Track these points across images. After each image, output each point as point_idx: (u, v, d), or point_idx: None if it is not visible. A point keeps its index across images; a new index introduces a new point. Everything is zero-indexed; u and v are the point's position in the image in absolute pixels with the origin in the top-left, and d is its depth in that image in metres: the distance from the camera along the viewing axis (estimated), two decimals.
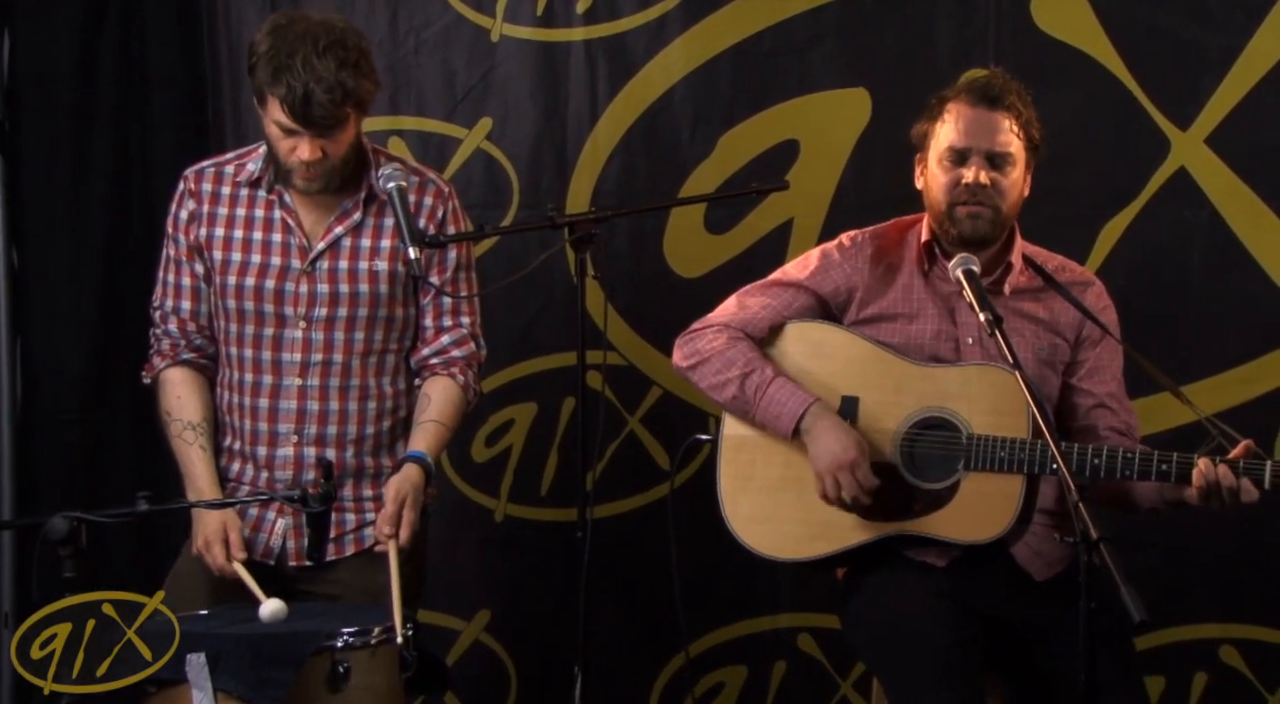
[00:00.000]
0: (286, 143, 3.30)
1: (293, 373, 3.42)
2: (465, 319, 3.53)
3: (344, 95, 3.23)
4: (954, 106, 3.35)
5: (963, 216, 3.32)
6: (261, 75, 3.24)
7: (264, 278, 3.42)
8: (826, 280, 3.44)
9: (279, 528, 3.45)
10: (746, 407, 3.34)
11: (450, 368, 3.50)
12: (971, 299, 3.07)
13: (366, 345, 3.44)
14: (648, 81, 4.32)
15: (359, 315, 3.43)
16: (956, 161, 3.33)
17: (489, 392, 4.28)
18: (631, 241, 4.35)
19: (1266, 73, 4.07)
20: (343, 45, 3.24)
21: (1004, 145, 3.32)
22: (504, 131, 4.39)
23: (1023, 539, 3.25)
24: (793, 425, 3.29)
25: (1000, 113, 3.32)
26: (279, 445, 3.44)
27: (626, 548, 4.17)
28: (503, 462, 4.43)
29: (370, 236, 3.44)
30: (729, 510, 3.37)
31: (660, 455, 4.35)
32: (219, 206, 3.47)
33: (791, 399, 3.30)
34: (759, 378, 3.33)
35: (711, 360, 3.38)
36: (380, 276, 3.43)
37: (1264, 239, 4.11)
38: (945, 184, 3.34)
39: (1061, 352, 3.40)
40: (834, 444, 3.25)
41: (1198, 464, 3.08)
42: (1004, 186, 3.33)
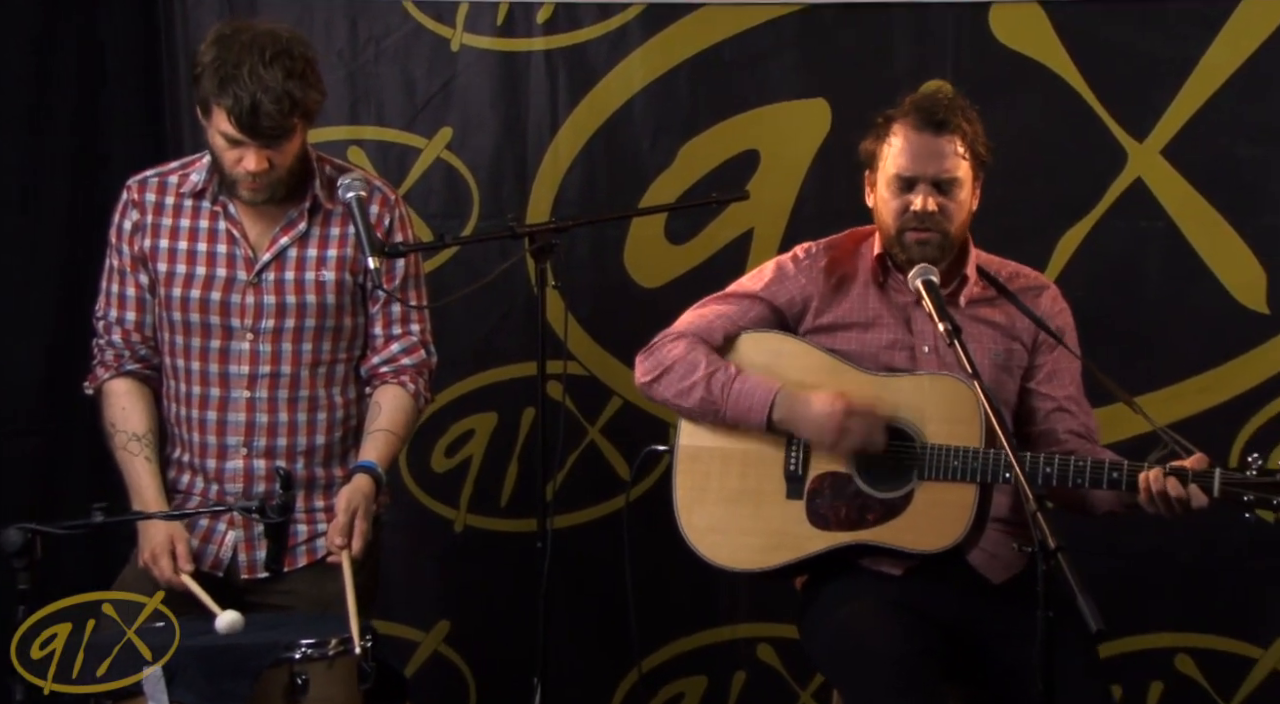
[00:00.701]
0: (232, 154, 3.30)
1: (240, 385, 3.43)
2: (415, 327, 3.55)
3: (292, 106, 3.23)
4: (900, 129, 3.39)
5: (912, 243, 3.37)
6: (207, 85, 3.24)
7: (209, 290, 3.42)
8: (781, 292, 3.48)
9: (229, 540, 3.46)
10: (716, 406, 3.37)
11: (401, 376, 3.52)
12: (931, 309, 3.11)
13: (315, 356, 3.46)
14: (608, 92, 4.36)
15: (306, 326, 3.44)
16: (904, 188, 3.37)
17: (448, 402, 4.31)
18: (592, 251, 4.38)
19: (1222, 84, 4.13)
20: (289, 55, 3.24)
21: (950, 171, 3.36)
22: (464, 141, 4.42)
23: (978, 546, 3.29)
24: (765, 414, 3.32)
25: (945, 137, 3.36)
26: (228, 458, 3.45)
27: (587, 558, 4.20)
28: (462, 472, 4.46)
29: (316, 246, 3.45)
30: (685, 522, 3.40)
31: (620, 466, 4.38)
32: (163, 217, 3.47)
33: (759, 389, 3.33)
34: (724, 376, 3.36)
35: (674, 368, 3.41)
36: (327, 287, 3.44)
37: (1220, 250, 4.17)
38: (894, 209, 3.38)
39: (1018, 356, 3.45)
40: (818, 410, 3.28)
41: (1143, 475, 3.13)
42: (951, 210, 3.37)
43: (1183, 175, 4.17)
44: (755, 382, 3.34)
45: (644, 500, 3.82)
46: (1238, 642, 4.27)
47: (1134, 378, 3.95)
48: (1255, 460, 3.10)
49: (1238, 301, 4.18)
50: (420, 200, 4.39)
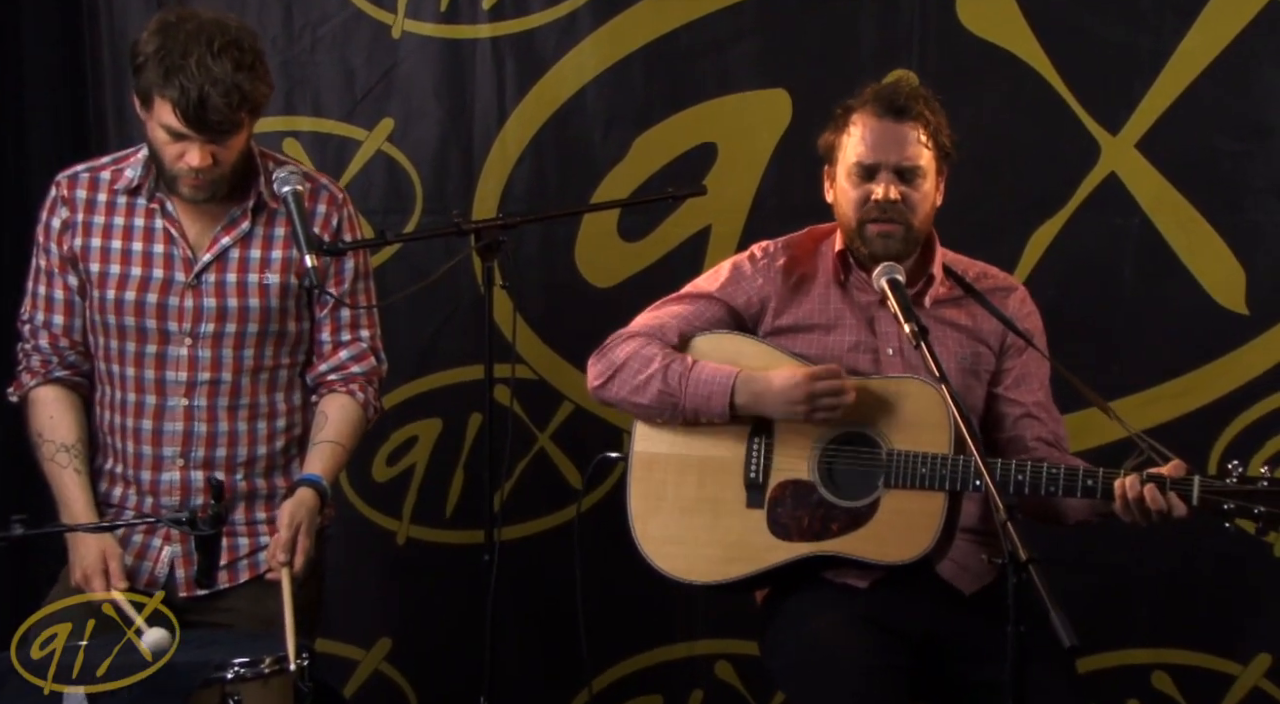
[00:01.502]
0: (174, 148, 3.27)
1: (178, 393, 3.41)
2: (365, 332, 3.54)
3: (240, 99, 3.21)
4: (860, 118, 3.41)
5: (873, 236, 3.38)
6: (151, 76, 3.20)
7: (145, 292, 3.40)
8: (738, 292, 3.49)
9: (165, 556, 3.44)
10: (674, 398, 3.36)
11: (349, 385, 3.50)
12: (896, 310, 3.12)
13: (257, 362, 3.44)
14: (558, 81, 4.37)
15: (249, 331, 3.42)
16: (864, 177, 3.39)
17: (391, 407, 4.29)
18: (541, 249, 4.39)
19: (1198, 75, 4.16)
20: (238, 46, 3.22)
21: (913, 158, 3.38)
22: (406, 133, 4.41)
23: (946, 556, 3.31)
24: (727, 400, 3.32)
25: (908, 124, 3.37)
26: (164, 469, 3.43)
27: (536, 572, 4.21)
28: (405, 481, 4.45)
29: (260, 247, 3.43)
30: (640, 532, 3.40)
31: (572, 474, 4.38)
32: (95, 215, 3.43)
33: (718, 375, 3.33)
34: (680, 366, 3.36)
35: (627, 365, 3.41)
36: (271, 290, 3.42)
37: (1196, 248, 4.20)
38: (854, 200, 3.40)
39: (985, 360, 3.47)
40: (781, 384, 3.28)
41: (1119, 483, 3.14)
42: (915, 200, 3.38)
43: (1158, 169, 4.20)
44: (713, 369, 3.35)
45: (597, 510, 3.83)
46: (1216, 658, 4.29)
47: (1108, 382, 3.97)
48: (1235, 468, 3.11)
49: (1215, 301, 4.21)
50: (360, 195, 4.37)
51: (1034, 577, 2.61)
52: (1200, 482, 3.11)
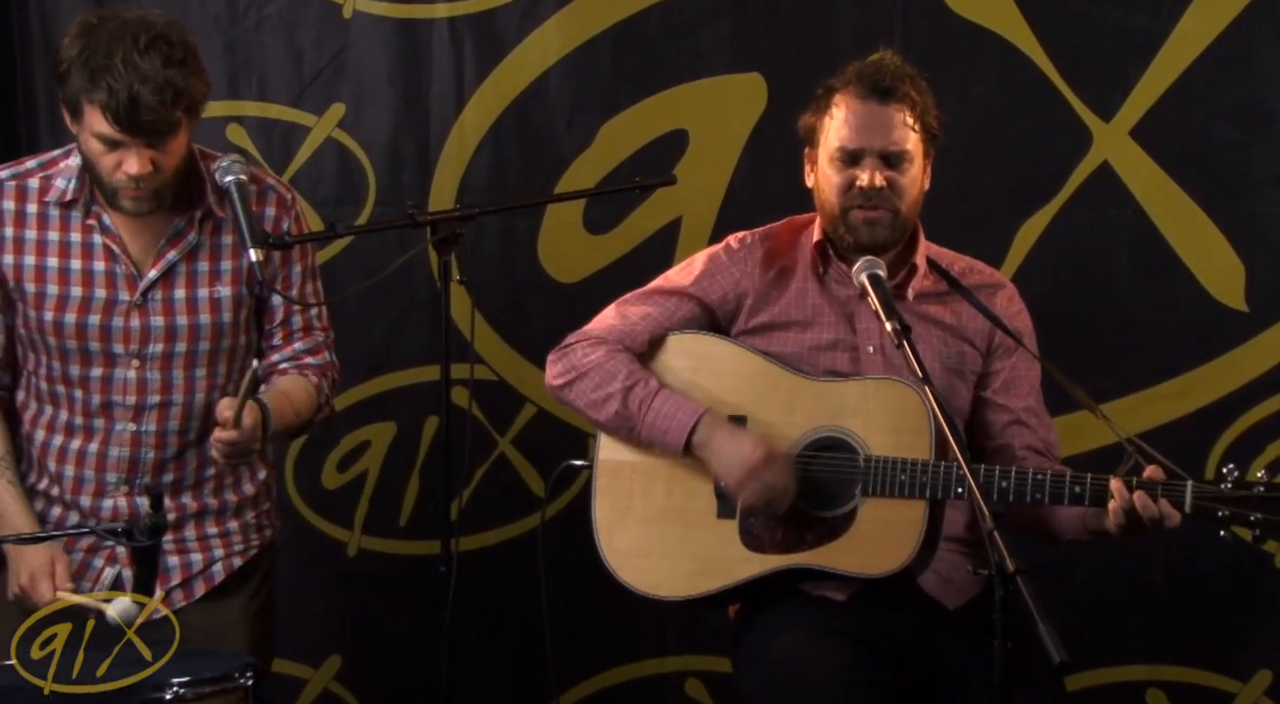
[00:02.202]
0: (110, 158, 3.21)
1: (125, 417, 3.38)
2: (319, 335, 3.54)
3: (175, 96, 3.15)
4: (843, 99, 3.40)
5: (859, 223, 3.37)
6: (76, 81, 3.14)
7: (87, 313, 3.35)
8: (713, 287, 3.48)
9: (106, 577, 3.42)
10: (630, 423, 3.37)
11: (303, 370, 3.49)
12: (877, 306, 3.11)
13: (210, 381, 3.42)
14: (520, 64, 4.36)
15: (200, 350, 3.39)
16: (848, 162, 3.38)
17: (342, 410, 4.27)
18: (502, 242, 4.38)
19: (1195, 59, 4.18)
20: (167, 41, 3.16)
21: (899, 142, 3.37)
22: (358, 119, 4.40)
23: (930, 567, 3.30)
24: (683, 439, 3.32)
25: (893, 106, 3.37)
26: (105, 496, 3.41)
27: (497, 585, 4.20)
28: (357, 489, 4.44)
29: (208, 259, 3.39)
30: (606, 544, 3.39)
31: (534, 481, 4.38)
32: (25, 229, 3.36)
33: (680, 411, 3.33)
34: (643, 391, 3.36)
35: (589, 374, 3.41)
36: (223, 304, 3.40)
37: (1193, 240, 4.22)
38: (838, 186, 3.39)
39: (971, 360, 3.46)
40: (737, 449, 3.28)
41: (1113, 491, 3.12)
42: (902, 186, 3.38)
43: (1153, 158, 4.21)
44: (677, 402, 3.34)
45: (560, 520, 3.81)
46: (1214, 675, 4.31)
47: (1099, 383, 3.96)
48: (1231, 472, 3.11)
49: (1213, 297, 4.22)
50: (309, 185, 4.37)
51: (1022, 588, 2.60)
52: (1193, 487, 3.11)
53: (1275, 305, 4.21)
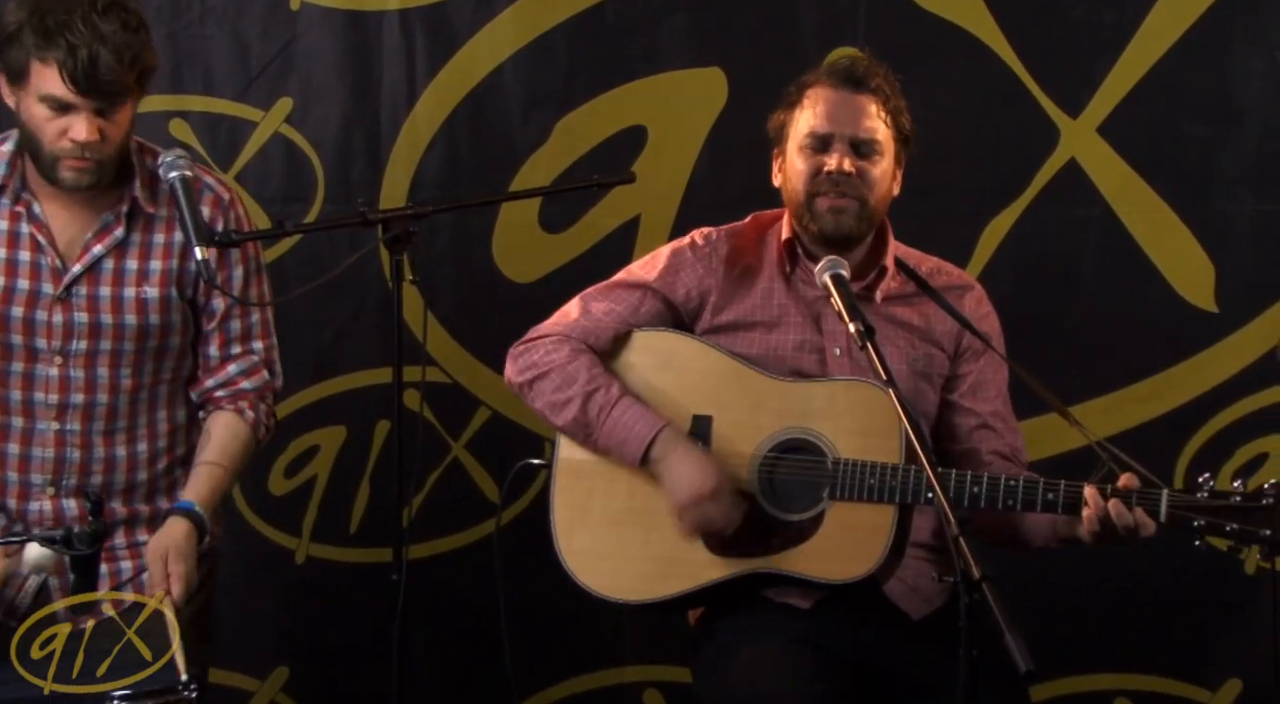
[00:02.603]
0: (56, 124, 3.19)
1: (48, 416, 3.35)
2: (257, 344, 3.51)
3: (133, 59, 3.16)
4: (814, 91, 3.42)
5: (824, 210, 3.38)
6: (27, 42, 3.13)
7: (9, 304, 3.32)
8: (677, 283, 3.48)
9: (31, 585, 3.35)
10: (589, 430, 3.37)
11: (237, 402, 3.46)
12: (840, 307, 3.11)
13: (135, 381, 3.39)
14: (473, 58, 4.35)
15: (125, 350, 3.37)
16: (818, 148, 3.39)
17: (290, 414, 4.26)
18: (455, 241, 4.37)
19: (1163, 55, 4.21)
20: (123, 8, 3.17)
21: (870, 131, 3.39)
22: (306, 114, 4.38)
23: (896, 575, 3.31)
24: (641, 452, 3.32)
25: (866, 96, 3.40)
26: (32, 498, 3.37)
27: (451, 593, 4.20)
28: (305, 495, 4.42)
29: (137, 257, 3.36)
30: (564, 546, 3.39)
31: (488, 485, 4.37)
32: None
33: (639, 423, 3.33)
34: (603, 397, 3.36)
35: (550, 375, 3.41)
36: (150, 304, 3.36)
37: (1162, 240, 4.24)
38: (805, 172, 3.40)
39: (939, 363, 3.48)
40: (690, 473, 3.28)
41: (1087, 498, 3.14)
42: (871, 177, 3.39)
43: (1121, 156, 4.24)
44: (636, 414, 3.34)
45: (517, 524, 3.82)
46: (1183, 684, 4.35)
47: (1067, 385, 4.00)
48: (1207, 481, 3.13)
49: (1183, 298, 4.26)
50: (256, 182, 4.35)
51: (988, 596, 2.61)
52: (1169, 496, 3.12)
53: (1245, 306, 4.25)
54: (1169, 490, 3.13)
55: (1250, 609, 4.24)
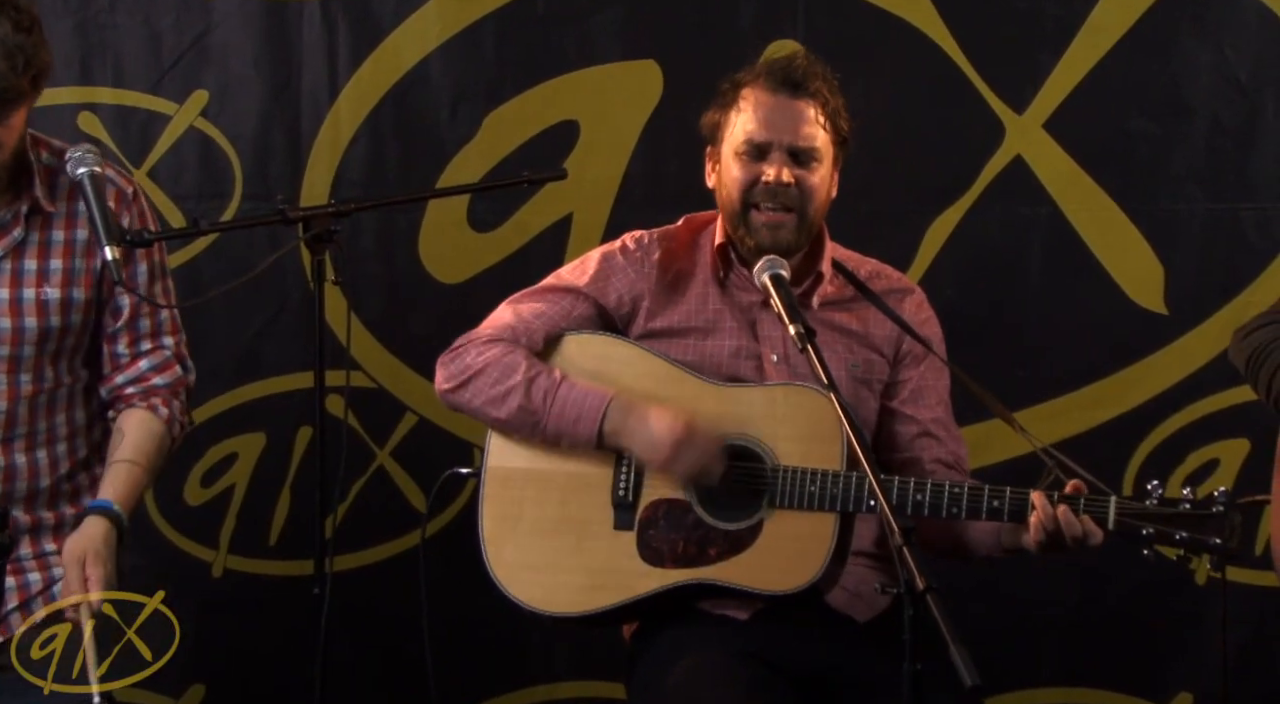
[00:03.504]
0: None
1: None
2: (168, 340, 3.50)
3: (25, 63, 3.13)
4: (751, 93, 3.44)
5: (760, 226, 3.41)
6: None
7: None
8: (608, 288, 3.51)
9: None
10: (535, 417, 3.37)
11: (150, 399, 3.46)
12: (780, 309, 3.12)
13: (35, 386, 3.38)
14: (398, 49, 4.37)
15: (24, 355, 3.35)
16: (754, 157, 3.42)
17: (206, 421, 4.27)
18: (380, 240, 4.39)
19: (1111, 47, 4.26)
20: (14, 7, 3.14)
21: (809, 138, 3.41)
22: (223, 107, 4.39)
23: (839, 582, 3.34)
24: (595, 427, 3.34)
25: (804, 101, 3.41)
26: None
27: (375, 606, 4.21)
28: (223, 505, 4.43)
29: (36, 257, 3.35)
30: (493, 557, 3.40)
31: (415, 495, 4.39)
32: None
33: (589, 397, 3.35)
34: (546, 381, 3.38)
35: (487, 370, 3.41)
36: (50, 306, 3.35)
37: (1111, 240, 4.30)
38: (741, 181, 3.42)
39: (879, 369, 3.52)
40: (657, 427, 3.30)
41: (1033, 501, 3.17)
42: (810, 186, 3.42)
43: (1068, 153, 4.29)
44: (584, 388, 3.37)
45: (444, 535, 3.83)
46: (1132, 698, 4.41)
47: (1012, 390, 4.05)
48: (1155, 488, 3.16)
49: (1131, 300, 4.32)
50: (170, 178, 4.35)
51: (932, 607, 2.63)
52: (1117, 503, 3.16)
53: (1195, 308, 4.30)
54: (1117, 498, 3.16)
55: (1201, 621, 4.31)
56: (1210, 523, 3.12)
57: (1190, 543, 3.13)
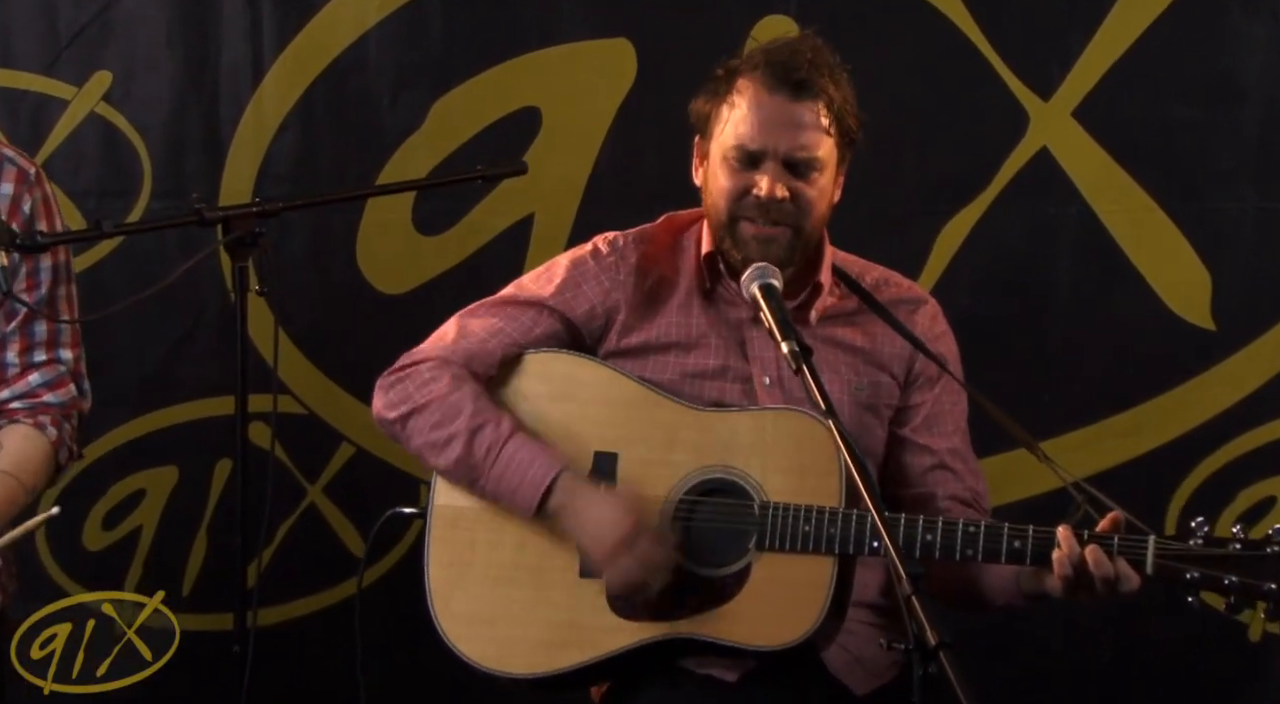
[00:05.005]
0: None
1: None
2: (65, 353, 3.51)
3: None
4: (747, 86, 3.39)
5: (749, 238, 3.38)
6: None
7: None
8: (578, 298, 3.49)
9: None
10: (474, 474, 3.36)
11: (38, 416, 3.47)
12: (770, 323, 3.10)
13: None
14: (331, 26, 4.38)
15: None
16: (745, 165, 3.38)
17: (109, 453, 4.27)
18: (312, 245, 4.41)
19: (1150, 24, 4.27)
20: None
21: (809, 147, 3.37)
22: (129, 92, 4.40)
23: (836, 641, 3.32)
24: (535, 501, 3.32)
25: (806, 103, 3.36)
26: None
27: (305, 665, 4.21)
28: (128, 549, 4.43)
29: None
30: (441, 609, 3.38)
31: (351, 537, 4.39)
32: None
33: (533, 465, 3.33)
34: (491, 434, 3.36)
35: (428, 409, 3.40)
36: None
37: (1150, 244, 4.31)
38: (730, 191, 3.39)
39: (887, 392, 3.50)
40: (603, 518, 3.28)
41: (1059, 540, 3.14)
42: (807, 199, 3.38)
43: (1101, 144, 4.30)
44: (531, 452, 3.34)
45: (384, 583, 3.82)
46: None
47: (1036, 416, 4.06)
48: (1200, 526, 3.13)
49: (1174, 313, 4.33)
50: (67, 172, 4.35)
51: (945, 666, 2.59)
52: (1156, 543, 3.13)
53: (1247, 322, 4.32)
54: (1157, 537, 3.14)
55: (1256, 680, 4.33)
56: (1266, 566, 3.09)
57: (1242, 589, 3.09)
